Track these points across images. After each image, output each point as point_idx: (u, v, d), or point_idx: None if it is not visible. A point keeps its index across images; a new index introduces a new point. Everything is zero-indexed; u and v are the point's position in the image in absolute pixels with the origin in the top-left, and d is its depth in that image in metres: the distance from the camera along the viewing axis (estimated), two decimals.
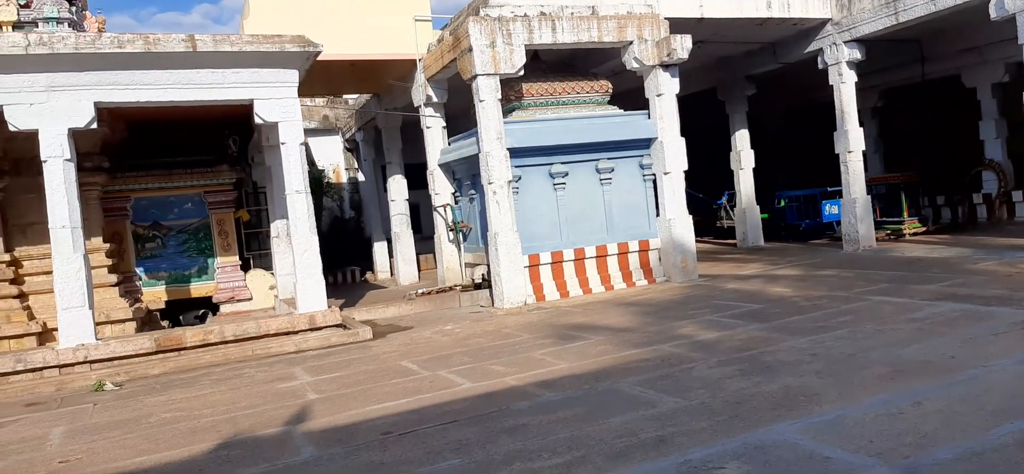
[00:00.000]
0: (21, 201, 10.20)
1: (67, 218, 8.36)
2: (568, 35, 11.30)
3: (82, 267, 8.49)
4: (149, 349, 8.78)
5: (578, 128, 11.66)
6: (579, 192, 11.81)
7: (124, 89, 8.60)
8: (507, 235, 10.86)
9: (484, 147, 10.88)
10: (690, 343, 7.12)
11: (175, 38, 8.62)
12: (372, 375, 7.22)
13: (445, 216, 13.23)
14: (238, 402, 6.62)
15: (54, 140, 8.32)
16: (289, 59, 9.23)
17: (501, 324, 9.59)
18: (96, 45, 8.30)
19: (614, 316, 9.27)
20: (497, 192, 10.83)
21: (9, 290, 10.00)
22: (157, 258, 12.09)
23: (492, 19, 10.87)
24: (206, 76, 8.93)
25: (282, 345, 9.24)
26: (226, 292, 12.26)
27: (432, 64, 12.57)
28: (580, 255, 11.71)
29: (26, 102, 8.23)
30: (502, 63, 10.84)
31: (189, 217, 12.24)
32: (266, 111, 9.29)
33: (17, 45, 8.02)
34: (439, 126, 13.35)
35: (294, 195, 9.56)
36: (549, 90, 11.95)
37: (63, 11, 9.72)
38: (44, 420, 6.70)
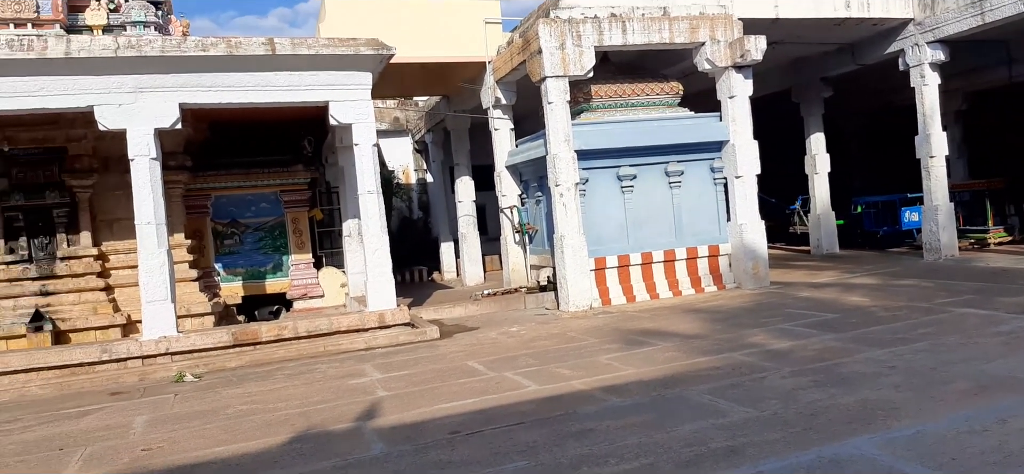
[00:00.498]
0: (109, 197, 10.70)
1: (152, 214, 8.74)
2: (639, 36, 11.20)
3: (166, 262, 8.84)
4: (227, 343, 9.08)
5: (647, 130, 11.54)
6: (647, 195, 11.69)
7: (207, 91, 8.94)
8: (573, 238, 10.83)
9: (552, 149, 10.88)
10: (762, 352, 6.96)
11: (255, 41, 8.91)
12: (439, 374, 7.30)
13: (511, 218, 13.28)
14: (311, 397, 6.79)
15: (141, 139, 8.70)
16: (363, 62, 9.43)
17: (566, 327, 9.57)
18: (181, 48, 8.66)
19: (682, 322, 9.14)
20: (564, 194, 10.81)
21: (96, 283, 10.51)
22: (235, 255, 12.51)
23: (562, 21, 10.86)
24: (284, 78, 9.20)
25: (352, 342, 9.43)
26: (299, 289, 12.59)
27: (501, 66, 12.64)
28: (647, 259, 11.59)
29: (115, 103, 8.64)
30: (571, 65, 10.82)
31: (266, 215, 12.64)
32: (341, 113, 9.50)
33: (107, 48, 8.43)
34: (507, 128, 13.42)
35: (366, 195, 9.75)
36: (618, 92, 11.87)
37: (150, 15, 10.16)
38: (127, 409, 7.01)
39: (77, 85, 8.50)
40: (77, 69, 8.45)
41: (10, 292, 10.24)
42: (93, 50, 8.38)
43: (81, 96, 8.53)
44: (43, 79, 8.39)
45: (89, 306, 10.36)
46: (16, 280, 10.29)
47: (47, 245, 10.43)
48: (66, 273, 10.39)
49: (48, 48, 8.24)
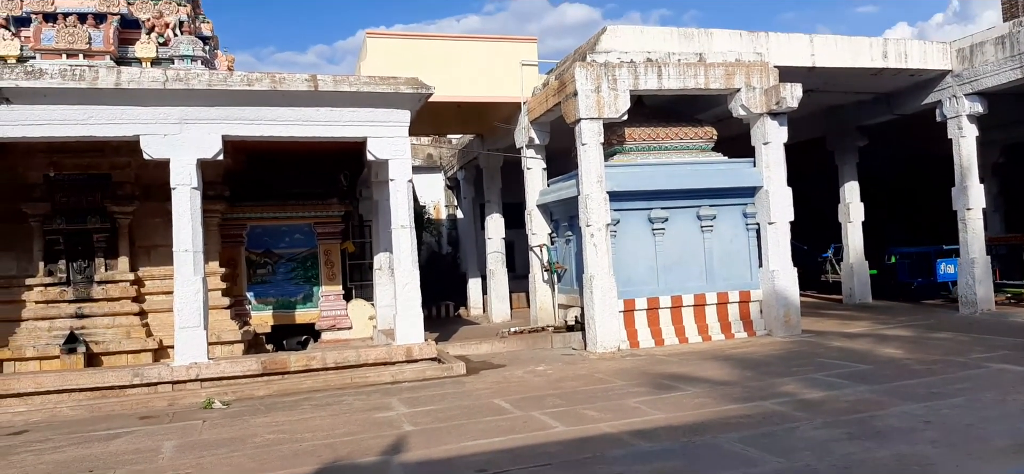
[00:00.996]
0: (147, 224, 10.93)
1: (190, 242, 8.91)
2: (674, 81, 11.27)
3: (201, 289, 8.99)
4: (256, 371, 9.17)
5: (680, 174, 11.55)
6: (678, 238, 11.66)
7: (250, 124, 9.16)
8: (603, 278, 10.82)
9: (584, 190, 10.93)
10: (794, 401, 6.87)
11: (298, 78, 9.12)
12: (466, 411, 7.30)
13: (540, 256, 13.31)
14: (337, 428, 6.82)
15: (184, 169, 8.92)
16: (402, 100, 9.60)
17: (594, 368, 9.52)
18: (227, 82, 8.90)
19: (712, 368, 9.05)
20: (595, 235, 10.83)
21: (131, 307, 10.70)
22: (267, 284, 12.67)
23: (598, 65, 10.98)
24: (325, 114, 9.40)
25: (379, 375, 9.46)
26: (328, 320, 12.69)
27: (536, 107, 12.78)
28: (677, 303, 11.53)
29: (161, 133, 8.87)
30: (606, 107, 10.91)
31: (299, 246, 12.80)
32: (378, 148, 9.66)
33: (156, 80, 8.69)
34: (539, 167, 13.51)
35: (399, 230, 9.85)
36: (651, 135, 11.92)
37: (197, 49, 10.45)
38: (157, 433, 7.09)
39: (125, 115, 8.77)
40: (126, 99, 8.72)
41: (46, 313, 10.45)
42: (142, 82, 8.65)
43: (128, 126, 8.79)
44: (93, 108, 8.67)
45: (123, 330, 10.53)
46: (53, 302, 10.51)
47: (85, 268, 10.65)
48: (102, 297, 10.59)
49: (99, 78, 8.52)
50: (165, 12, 10.62)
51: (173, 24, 10.63)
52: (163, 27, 10.61)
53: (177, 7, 10.73)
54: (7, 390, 8.56)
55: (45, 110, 8.56)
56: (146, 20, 10.55)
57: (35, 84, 8.39)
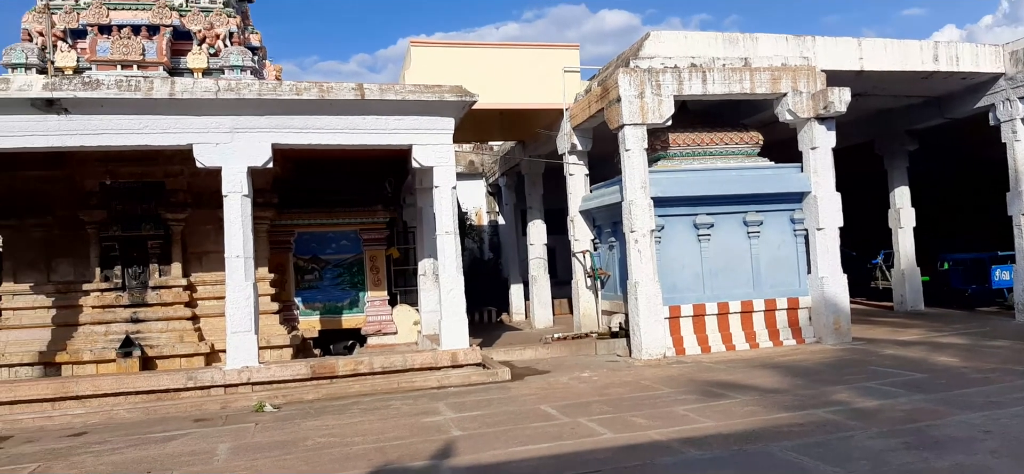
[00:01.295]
0: (199, 231, 11.17)
1: (242, 248, 9.09)
2: (719, 87, 11.18)
3: (252, 295, 9.16)
4: (305, 375, 9.30)
5: (725, 179, 11.43)
6: (724, 244, 11.54)
7: (299, 132, 9.32)
8: (648, 285, 10.76)
9: (628, 196, 10.88)
10: (847, 410, 6.74)
11: (346, 87, 9.26)
12: (512, 417, 7.31)
13: (584, 262, 13.28)
14: (386, 432, 6.88)
15: (235, 177, 9.11)
16: (447, 108, 9.68)
17: (639, 375, 9.46)
18: (277, 92, 9.07)
19: (761, 375, 8.93)
20: (639, 241, 10.77)
21: (184, 312, 10.94)
22: (314, 289, 12.86)
23: (642, 70, 10.94)
24: (371, 122, 9.52)
25: (426, 380, 9.53)
26: (374, 325, 12.83)
27: (578, 114, 12.77)
28: (724, 309, 11.40)
29: (212, 141, 9.08)
30: (650, 113, 10.85)
31: (345, 252, 12.98)
32: (423, 156, 9.75)
33: (208, 90, 8.90)
34: (582, 173, 13.49)
35: (444, 236, 9.92)
36: (696, 140, 11.82)
37: (247, 60, 10.66)
38: (211, 436, 7.23)
39: (178, 124, 8.99)
40: (179, 109, 8.95)
41: (103, 318, 10.74)
42: (195, 92, 8.86)
43: (182, 135, 9.01)
44: (148, 118, 8.90)
45: (176, 334, 10.77)
46: (109, 307, 10.80)
47: (140, 274, 10.93)
48: (156, 302, 10.86)
49: (153, 89, 8.75)
50: (216, 23, 10.87)
51: (223, 35, 10.87)
52: (214, 38, 10.85)
53: (227, 19, 10.96)
54: (66, 392, 8.80)
55: (102, 120, 8.82)
56: (197, 31, 10.81)
57: (92, 94, 8.65)
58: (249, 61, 10.64)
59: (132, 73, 10.23)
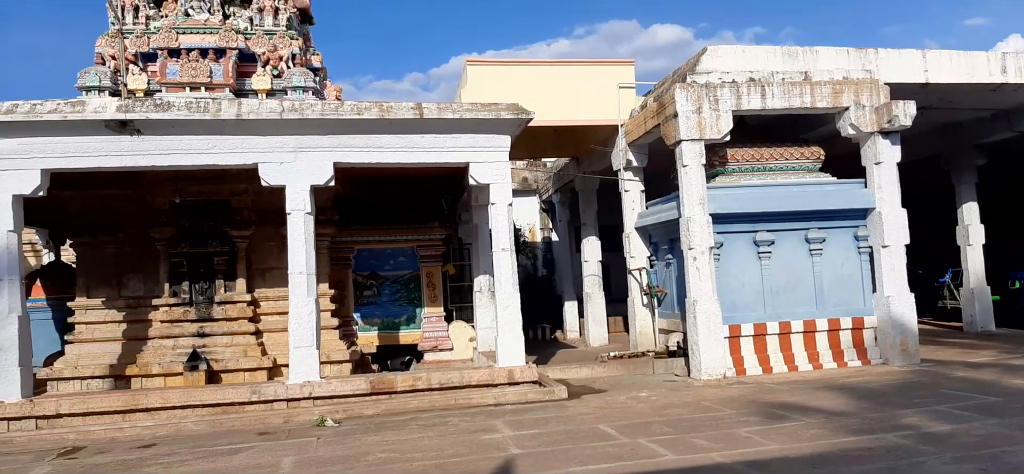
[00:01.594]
0: (263, 248, 11.45)
1: (304, 265, 9.29)
2: (778, 101, 11.00)
3: (314, 310, 9.34)
4: (365, 391, 9.42)
5: (786, 195, 11.22)
6: (785, 262, 11.31)
7: (359, 151, 9.50)
8: (707, 303, 10.61)
9: (685, 212, 10.77)
10: (918, 435, 6.52)
11: (405, 106, 9.41)
12: (571, 436, 7.27)
13: (640, 280, 13.17)
14: (446, 449, 6.92)
15: (298, 195, 9.32)
16: (503, 125, 9.76)
17: (699, 395, 9.32)
18: (339, 112, 9.27)
19: (826, 397, 8.70)
20: (697, 258, 10.64)
21: (248, 327, 11.20)
22: (372, 305, 13.05)
23: (699, 86, 10.84)
24: (429, 140, 9.65)
25: (482, 397, 9.56)
26: (430, 341, 12.94)
27: (634, 129, 12.72)
28: (785, 329, 11.16)
29: (277, 161, 9.32)
30: (708, 128, 10.75)
31: (402, 269, 13.15)
32: (480, 173, 9.83)
33: (273, 111, 9.14)
34: (637, 190, 13.41)
35: (500, 253, 9.96)
36: (755, 155, 11.65)
37: (309, 81, 10.92)
38: (274, 449, 7.37)
39: (245, 144, 9.25)
40: (245, 129, 9.21)
41: (171, 332, 11.06)
42: (261, 113, 9.12)
43: (248, 154, 9.27)
44: (215, 138, 9.19)
45: (240, 349, 11.03)
46: (177, 321, 11.12)
47: (206, 290, 11.24)
48: (222, 317, 11.14)
49: (221, 110, 9.03)
50: (279, 46, 11.16)
51: (286, 57, 11.16)
52: (277, 60, 11.14)
53: (290, 41, 11.25)
54: (136, 405, 9.09)
55: (172, 140, 9.13)
56: (262, 54, 11.12)
57: (164, 116, 8.97)
58: (311, 82, 10.90)
59: (200, 95, 10.57)
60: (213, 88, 10.82)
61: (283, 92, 10.99)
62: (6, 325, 8.84)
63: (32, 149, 8.88)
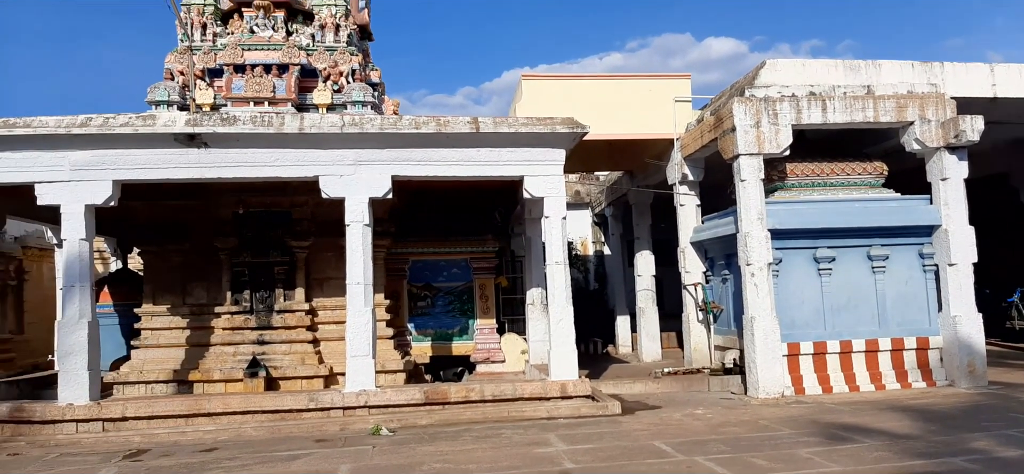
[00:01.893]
0: (321, 258, 11.68)
1: (362, 275, 9.45)
2: (840, 115, 10.80)
3: (370, 320, 9.49)
4: (418, 400, 9.51)
5: (847, 211, 10.98)
6: (846, 279, 11.06)
7: (417, 164, 9.65)
8: (765, 320, 10.43)
9: (743, 227, 10.62)
10: (987, 459, 6.29)
11: (462, 121, 9.53)
12: (625, 452, 7.22)
13: (695, 295, 13.01)
14: (500, 461, 6.94)
15: (357, 207, 9.51)
16: (558, 139, 9.79)
17: (757, 414, 9.16)
18: (397, 126, 9.43)
19: (889, 419, 8.46)
20: (755, 274, 10.47)
21: (306, 335, 11.42)
22: (426, 316, 13.19)
23: (758, 99, 10.71)
24: (485, 154, 9.74)
25: (535, 410, 9.55)
26: (483, 353, 13.00)
27: (690, 143, 12.61)
28: (846, 348, 10.90)
29: (337, 174, 9.52)
30: (766, 143, 10.60)
31: (456, 280, 13.28)
32: (534, 186, 9.87)
33: (335, 125, 9.35)
34: (693, 204, 13.28)
35: (554, 266, 9.97)
36: (815, 170, 11.43)
37: (368, 95, 11.15)
38: (332, 456, 7.49)
39: (306, 157, 9.48)
40: (307, 143, 9.44)
41: (232, 339, 11.35)
42: (322, 127, 9.34)
43: (309, 167, 9.49)
44: (279, 151, 9.44)
45: (298, 356, 11.25)
46: (238, 329, 11.40)
47: (266, 299, 11.51)
48: (281, 325, 11.39)
49: (285, 124, 9.27)
50: (340, 62, 11.42)
51: (346, 72, 11.41)
52: (337, 75, 11.40)
53: (350, 57, 11.51)
54: (199, 410, 9.34)
55: (237, 153, 9.41)
56: (323, 69, 11.39)
57: (230, 129, 9.25)
58: (370, 96, 11.12)
59: (264, 109, 10.88)
60: (276, 103, 11.11)
61: (343, 106, 11.23)
62: (76, 330, 9.19)
63: (105, 161, 9.25)
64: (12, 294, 15.92)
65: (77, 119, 9.12)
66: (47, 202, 9.25)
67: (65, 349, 9.19)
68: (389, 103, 12.06)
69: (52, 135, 9.07)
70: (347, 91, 11.25)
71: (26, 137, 9.06)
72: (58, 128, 9.04)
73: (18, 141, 9.09)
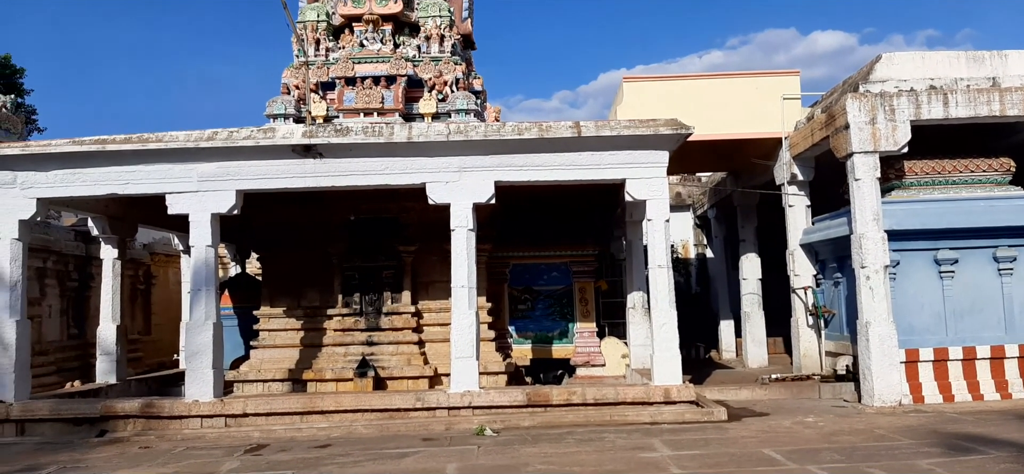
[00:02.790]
0: (426, 262, 12.02)
1: (466, 279, 9.67)
2: (962, 109, 10.23)
3: (474, 322, 9.69)
4: (521, 402, 9.63)
5: (971, 210, 10.39)
6: (969, 282, 10.46)
7: (519, 170, 9.80)
8: (881, 326, 9.98)
9: (858, 228, 10.21)
10: None
11: (564, 125, 9.60)
12: (733, 459, 7.09)
13: (805, 299, 12.59)
14: (604, 465, 6.95)
15: (462, 213, 9.74)
16: (661, 141, 9.71)
17: (872, 423, 8.79)
18: (500, 133, 9.61)
19: (1017, 429, 7.95)
20: (871, 278, 10.04)
21: (411, 337, 11.78)
22: (526, 319, 13.35)
23: (873, 95, 10.28)
24: (586, 158, 9.78)
25: (638, 414, 9.49)
26: (582, 356, 13.02)
27: (799, 142, 12.23)
28: (969, 355, 10.30)
29: (443, 180, 9.78)
30: (882, 140, 10.16)
31: (556, 284, 13.39)
32: (636, 189, 9.82)
33: (441, 133, 9.62)
34: (802, 205, 12.86)
35: (656, 269, 9.89)
36: (936, 168, 10.86)
37: (471, 103, 11.40)
38: (438, 455, 7.70)
39: (414, 165, 9.79)
40: (415, 151, 9.75)
41: (342, 340, 11.83)
42: (429, 135, 9.62)
43: (417, 174, 9.80)
44: (388, 159, 9.79)
45: (404, 357, 11.61)
46: (348, 330, 11.88)
47: (375, 301, 11.94)
48: (388, 327, 11.79)
49: (394, 134, 9.62)
50: (444, 71, 11.73)
51: (450, 81, 11.70)
52: (442, 85, 11.71)
53: (454, 67, 11.80)
54: (313, 407, 9.77)
55: (350, 163, 9.82)
56: (428, 79, 11.72)
57: (343, 140, 9.66)
58: (473, 104, 11.36)
59: (373, 120, 11.29)
60: (384, 113, 11.52)
61: (447, 115, 11.52)
62: (202, 331, 9.80)
63: (228, 172, 9.85)
64: (141, 297, 17.17)
65: (204, 133, 9.75)
66: (177, 211, 9.91)
67: (192, 349, 9.81)
68: (491, 110, 12.28)
69: (182, 149, 9.73)
70: (451, 100, 11.53)
71: (159, 151, 9.77)
72: (187, 142, 9.69)
73: (152, 155, 9.81)
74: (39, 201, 10.07)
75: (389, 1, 11.83)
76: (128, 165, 9.88)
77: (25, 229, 10.14)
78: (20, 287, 10.02)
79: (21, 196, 10.01)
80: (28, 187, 10.01)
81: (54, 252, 13.78)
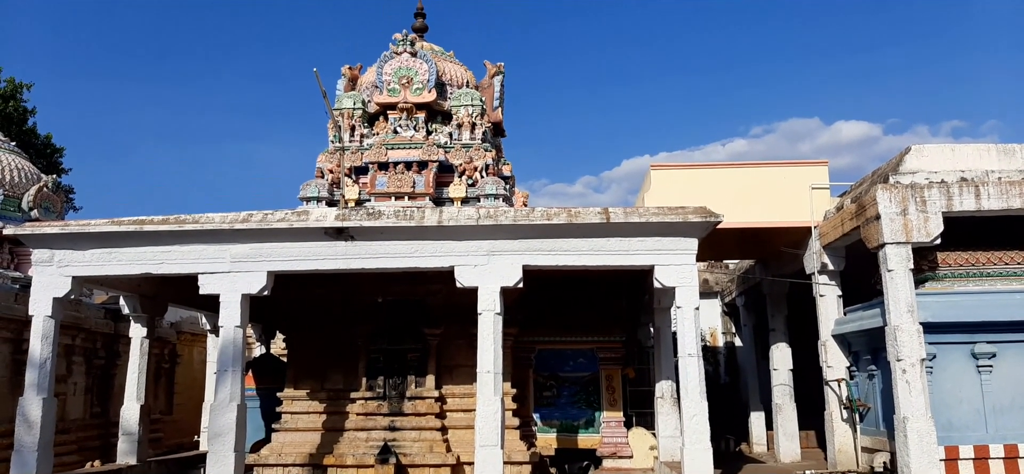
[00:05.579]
0: (451, 346, 11.95)
1: (492, 364, 9.57)
2: (995, 202, 10.14)
3: (499, 410, 9.53)
4: None
5: (1010, 303, 10.17)
6: (1010, 376, 10.16)
7: (547, 254, 9.80)
8: (919, 421, 9.67)
9: (892, 320, 10.02)
10: None
11: (592, 211, 9.64)
12: None
13: (839, 392, 12.28)
14: None
15: (489, 296, 9.72)
16: (690, 228, 9.70)
17: None
18: (529, 218, 9.67)
19: None
20: (907, 371, 9.79)
21: (434, 423, 11.61)
22: (551, 406, 13.11)
23: (904, 186, 10.24)
24: (615, 244, 9.77)
25: None
26: (609, 447, 12.71)
27: (829, 232, 12.15)
28: (1012, 452, 9.93)
29: (471, 264, 9.80)
30: (914, 231, 10.06)
31: (582, 370, 13.17)
32: (665, 276, 9.76)
33: (471, 218, 9.70)
34: (834, 295, 12.67)
35: (686, 358, 9.73)
36: (969, 259, 10.70)
37: (499, 188, 11.53)
38: None
39: (443, 248, 9.84)
40: (445, 235, 9.82)
41: (365, 425, 11.68)
42: (459, 219, 9.70)
43: (445, 257, 9.83)
44: (418, 243, 9.85)
45: (426, 444, 11.41)
46: (371, 414, 11.74)
47: (399, 385, 11.85)
48: (411, 412, 11.65)
49: (425, 218, 9.71)
50: (475, 157, 11.93)
51: (480, 168, 11.88)
52: (472, 171, 11.89)
53: (484, 153, 12.00)
54: None
55: (380, 245, 9.89)
56: (458, 165, 11.91)
57: (375, 223, 9.77)
58: (502, 189, 11.49)
59: (404, 204, 11.45)
60: (415, 197, 11.68)
61: (476, 199, 11.65)
62: (226, 412, 9.71)
63: (261, 253, 9.95)
64: (165, 377, 17.19)
65: (239, 215, 9.91)
66: (208, 291, 9.99)
67: (215, 429, 9.70)
68: (519, 195, 12.40)
69: (217, 230, 9.89)
70: (481, 185, 11.67)
71: (194, 232, 9.92)
72: (222, 224, 9.85)
73: (187, 236, 9.96)
74: (74, 279, 10.21)
75: (424, 91, 12.15)
76: (163, 245, 10.03)
77: (58, 307, 10.25)
78: (49, 365, 10.07)
79: (58, 274, 10.17)
80: (65, 265, 10.17)
81: (84, 329, 13.91)
